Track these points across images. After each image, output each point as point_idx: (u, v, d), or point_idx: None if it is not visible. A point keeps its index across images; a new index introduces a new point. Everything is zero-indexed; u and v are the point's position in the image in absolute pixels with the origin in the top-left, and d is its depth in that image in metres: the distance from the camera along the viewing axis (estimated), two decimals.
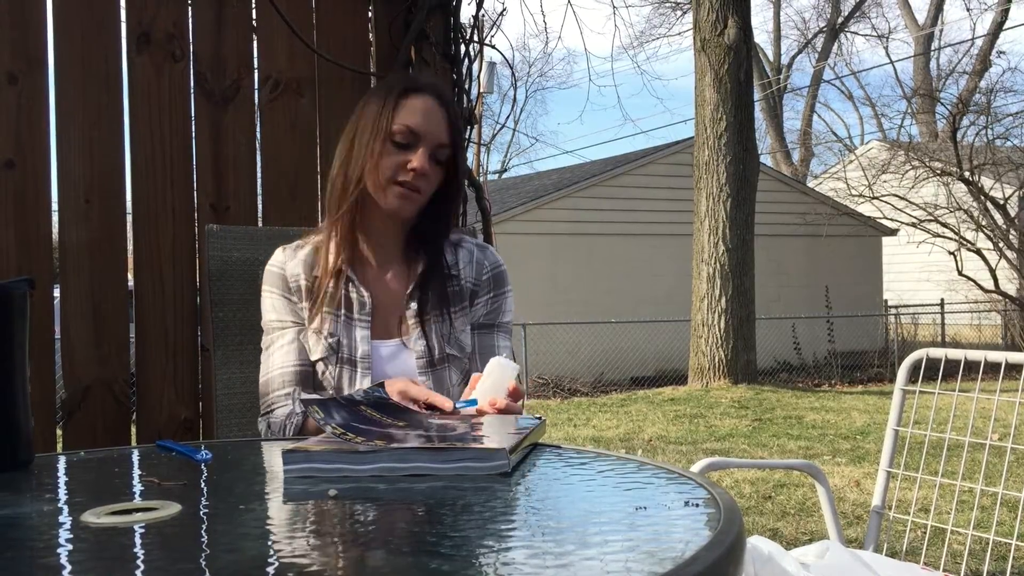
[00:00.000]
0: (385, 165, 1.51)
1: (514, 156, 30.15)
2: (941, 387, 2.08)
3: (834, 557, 1.67)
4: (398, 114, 1.51)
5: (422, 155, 1.50)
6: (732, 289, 9.92)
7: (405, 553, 0.75)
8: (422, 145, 1.51)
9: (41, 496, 1.02)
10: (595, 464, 1.11)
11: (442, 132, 1.52)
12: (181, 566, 0.73)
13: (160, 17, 2.16)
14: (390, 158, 1.51)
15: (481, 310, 1.63)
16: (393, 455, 1.03)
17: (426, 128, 1.51)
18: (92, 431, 2.06)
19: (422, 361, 1.54)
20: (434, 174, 1.53)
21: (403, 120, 1.51)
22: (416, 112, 1.51)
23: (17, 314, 1.12)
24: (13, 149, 2.01)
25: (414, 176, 1.50)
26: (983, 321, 14.88)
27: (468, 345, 1.60)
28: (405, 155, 1.51)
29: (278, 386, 1.53)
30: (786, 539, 3.94)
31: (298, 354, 1.55)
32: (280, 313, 1.57)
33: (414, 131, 1.51)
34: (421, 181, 1.51)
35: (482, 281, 1.64)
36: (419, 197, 1.53)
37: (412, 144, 1.51)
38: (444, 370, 1.55)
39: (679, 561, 0.68)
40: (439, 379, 1.54)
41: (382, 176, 1.51)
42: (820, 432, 7.08)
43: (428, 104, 1.52)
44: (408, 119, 1.51)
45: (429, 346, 1.54)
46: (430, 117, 1.52)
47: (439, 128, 1.52)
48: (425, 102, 1.52)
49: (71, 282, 2.06)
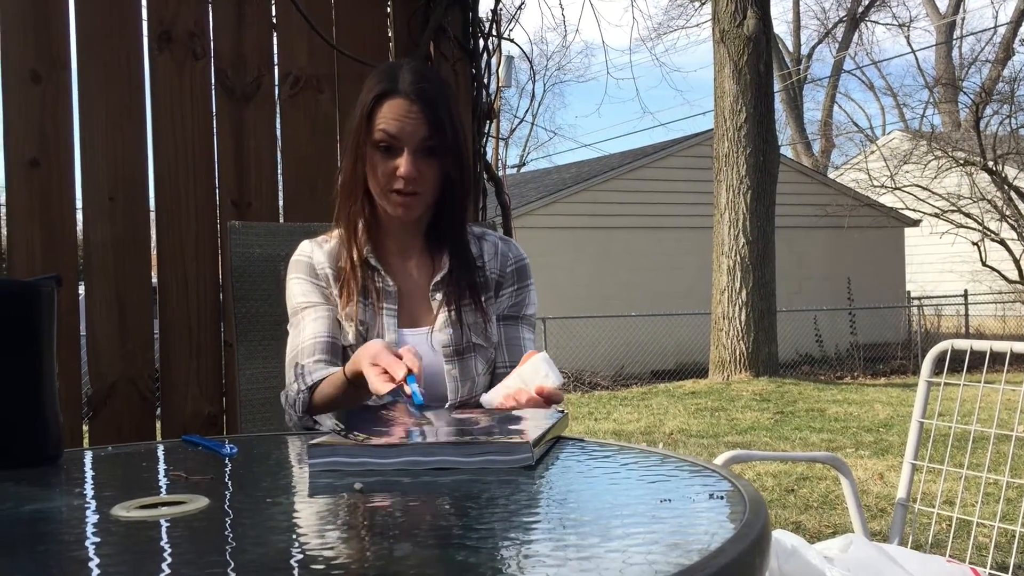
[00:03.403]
0: (380, 173, 1.52)
1: (533, 150, 30.08)
2: (966, 379, 2.06)
3: (858, 550, 1.66)
4: (375, 122, 1.52)
5: (407, 160, 1.50)
6: (753, 282, 9.86)
7: (431, 546, 0.76)
8: (405, 148, 1.50)
9: (70, 490, 1.04)
10: (618, 457, 1.11)
11: (421, 128, 1.50)
12: (209, 559, 0.73)
13: (181, 16, 2.18)
14: (381, 165, 1.52)
15: (506, 302, 1.64)
16: (417, 449, 1.03)
17: (402, 131, 1.50)
18: (118, 426, 2.08)
19: (448, 350, 1.54)
20: (428, 170, 1.52)
21: (381, 127, 1.51)
22: (390, 118, 1.51)
23: (45, 311, 1.14)
24: (37, 148, 2.03)
25: (405, 183, 1.50)
26: (1007, 312, 14.74)
27: (494, 335, 1.60)
28: (392, 161, 1.51)
29: (309, 354, 1.52)
30: (809, 532, 3.92)
31: (330, 326, 1.55)
32: (308, 295, 1.58)
33: (392, 135, 1.51)
34: (414, 185, 1.51)
35: (507, 273, 1.65)
36: (418, 200, 1.53)
37: (395, 148, 1.51)
38: (470, 359, 1.56)
39: (705, 553, 0.68)
40: (465, 368, 1.55)
41: (380, 185, 1.53)
42: (843, 425, 7.04)
43: (401, 107, 1.51)
44: (385, 125, 1.51)
45: (455, 335, 1.55)
46: (405, 120, 1.50)
47: (417, 126, 1.50)
48: (398, 105, 1.51)
49: (96, 279, 2.08)
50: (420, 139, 1.51)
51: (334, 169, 2.34)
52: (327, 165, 2.32)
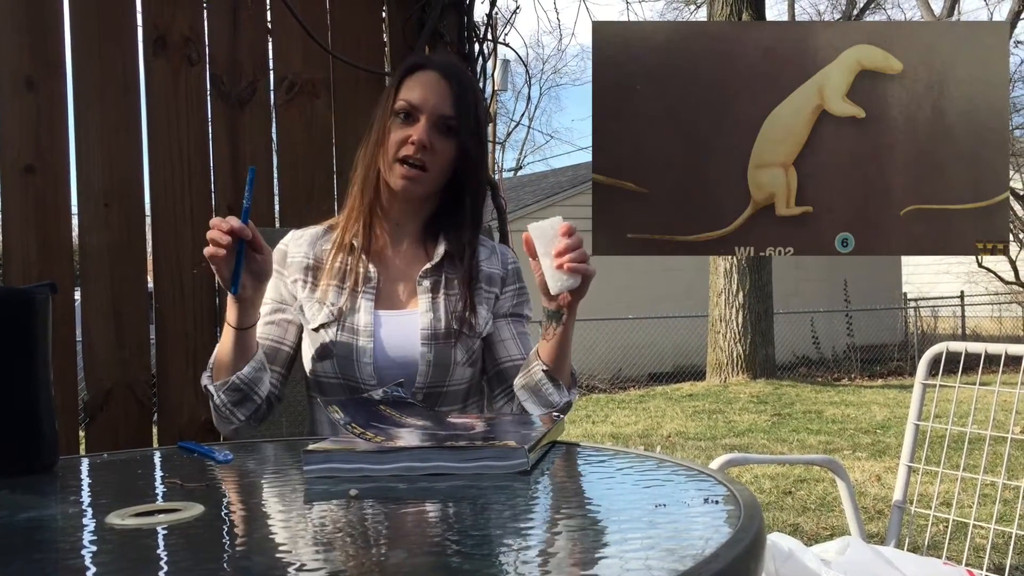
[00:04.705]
0: (391, 142, 1.52)
1: (529, 153, 30.13)
2: (962, 380, 2.07)
3: (855, 553, 1.66)
4: (401, 91, 1.53)
5: (422, 127, 1.50)
6: (750, 284, 9.87)
7: (426, 552, 0.76)
8: (423, 116, 1.51)
9: (65, 498, 1.03)
10: (614, 462, 1.11)
11: (445, 104, 1.51)
12: (204, 567, 0.73)
13: (176, 21, 2.17)
14: (396, 133, 1.52)
15: (510, 299, 1.64)
16: (413, 454, 1.03)
17: (425, 100, 1.51)
18: (114, 433, 2.07)
19: (426, 332, 1.53)
20: (441, 147, 1.52)
21: (404, 96, 1.53)
22: (417, 86, 1.52)
23: (40, 318, 1.14)
24: (32, 154, 2.03)
25: (415, 149, 1.49)
26: (1004, 313, 14.76)
27: (481, 327, 1.58)
28: (408, 130, 1.51)
29: None
30: (807, 534, 3.92)
31: (271, 332, 1.56)
32: (268, 292, 1.58)
33: (414, 104, 1.51)
34: (425, 155, 1.50)
35: (509, 272, 1.66)
36: (425, 175, 1.52)
37: (413, 117, 1.51)
38: (449, 346, 1.53)
39: (699, 559, 0.68)
40: (441, 353, 1.52)
41: (389, 154, 1.53)
42: (840, 427, 7.04)
43: (430, 78, 1.53)
44: (408, 94, 1.52)
45: (434, 320, 1.53)
46: (431, 90, 1.52)
47: (441, 100, 1.51)
48: (428, 76, 1.53)
49: (91, 285, 2.08)
50: (441, 114, 1.51)
51: (330, 174, 2.34)
52: (322, 170, 2.32)
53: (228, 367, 1.44)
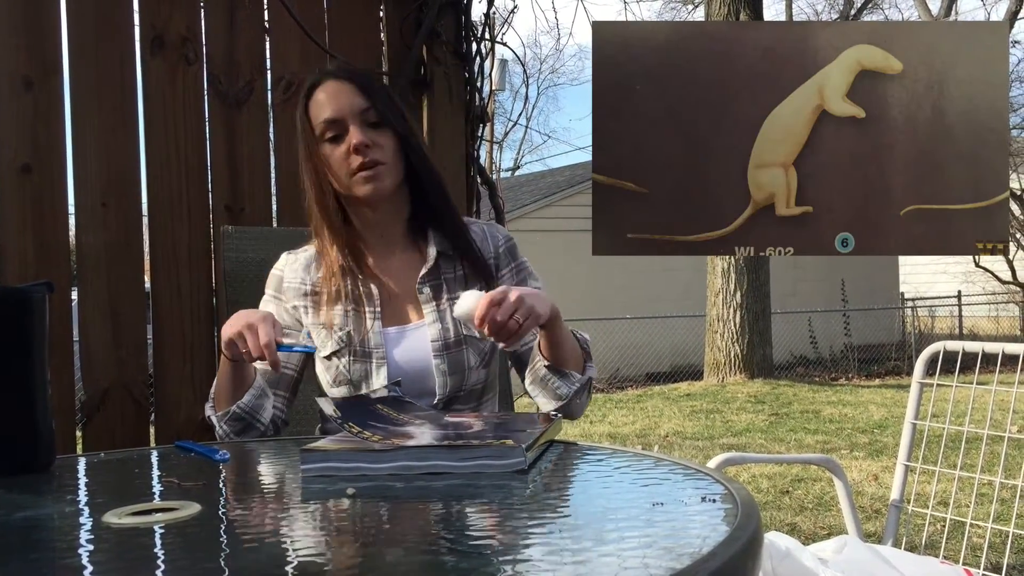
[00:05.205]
0: (336, 162, 1.50)
1: (527, 153, 30.11)
2: (959, 380, 2.07)
3: (852, 552, 1.66)
4: (313, 117, 1.52)
5: (354, 131, 1.48)
6: (747, 284, 9.88)
7: (423, 551, 0.76)
8: (348, 122, 1.49)
9: (62, 497, 1.03)
10: (611, 460, 1.11)
11: (357, 100, 1.50)
12: (201, 566, 0.73)
13: (173, 20, 2.17)
14: (335, 154, 1.50)
15: (509, 282, 1.61)
16: (410, 453, 1.03)
17: (339, 108, 1.50)
18: (111, 433, 2.07)
19: (437, 344, 1.52)
20: (379, 139, 1.50)
21: (318, 117, 1.51)
22: (324, 103, 1.51)
23: (36, 318, 1.13)
24: (30, 153, 2.03)
25: (361, 153, 1.48)
26: (1001, 313, 14.78)
27: None
28: (342, 145, 1.50)
29: None
30: (804, 534, 3.92)
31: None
32: None
33: (332, 119, 1.50)
34: (372, 153, 1.49)
35: (500, 254, 1.63)
36: (384, 169, 1.50)
37: (340, 129, 1.50)
38: (460, 352, 1.52)
39: (696, 557, 0.68)
40: (454, 361, 1.51)
41: (342, 173, 1.51)
42: (837, 426, 7.05)
43: (330, 88, 1.52)
44: (321, 113, 1.51)
45: (443, 330, 1.52)
46: (337, 98, 1.50)
47: (351, 99, 1.50)
48: (327, 88, 1.52)
49: (89, 285, 2.08)
50: (360, 110, 1.50)
51: None
52: None
53: (228, 397, 1.46)
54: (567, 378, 1.46)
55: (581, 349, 1.52)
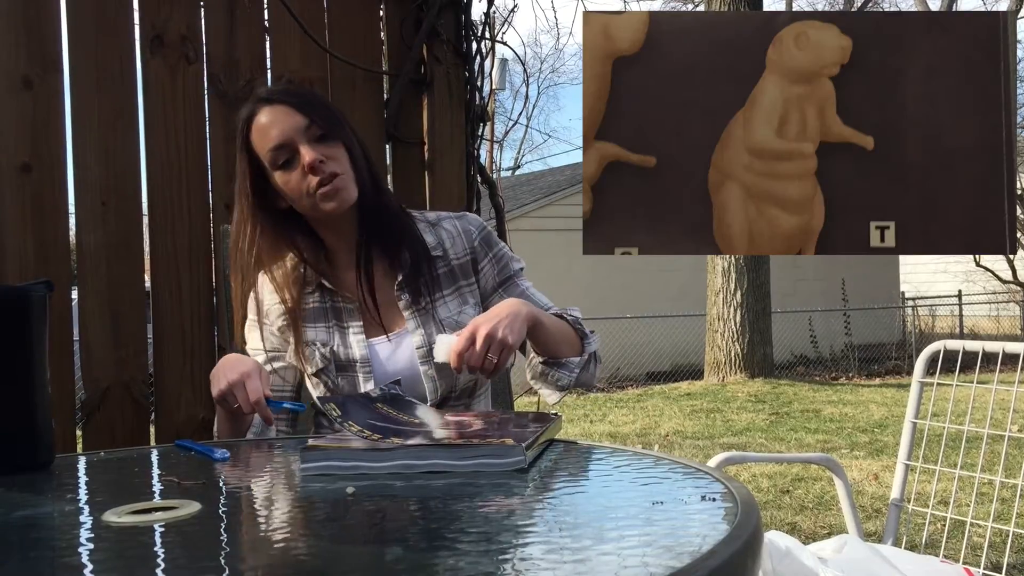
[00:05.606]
0: (294, 185, 1.48)
1: (527, 152, 30.09)
2: (959, 379, 2.07)
3: (852, 551, 1.66)
4: (257, 148, 1.50)
5: (305, 150, 1.46)
6: (747, 283, 9.88)
7: (423, 549, 0.76)
8: (296, 144, 1.47)
9: (62, 496, 1.03)
10: (611, 459, 1.11)
11: (297, 119, 1.48)
12: (201, 564, 0.73)
13: (173, 19, 2.17)
14: (292, 178, 1.48)
15: (490, 272, 1.61)
16: (410, 452, 1.03)
17: (283, 132, 1.47)
18: (111, 432, 2.07)
19: (422, 350, 1.51)
20: (333, 151, 1.48)
21: (264, 148, 1.49)
22: (265, 131, 1.49)
23: (36, 317, 1.13)
24: (30, 153, 2.03)
25: (316, 171, 1.46)
26: (1001, 312, 14.78)
27: None
28: (294, 168, 1.48)
29: None
30: (804, 533, 3.92)
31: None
32: (253, 341, 1.59)
33: (279, 145, 1.48)
34: (328, 167, 1.47)
35: (476, 248, 1.61)
36: (343, 179, 1.48)
37: (289, 152, 1.48)
38: None
39: (696, 555, 0.68)
40: (443, 367, 1.50)
41: (301, 193, 1.48)
42: (838, 425, 7.05)
43: (267, 116, 1.49)
44: (267, 143, 1.48)
45: (427, 335, 1.51)
46: (278, 123, 1.48)
47: (292, 119, 1.48)
48: (264, 117, 1.49)
49: (89, 284, 2.08)
50: (304, 128, 1.48)
51: None
52: None
53: (231, 437, 1.48)
54: (565, 367, 1.46)
55: (574, 330, 1.51)
